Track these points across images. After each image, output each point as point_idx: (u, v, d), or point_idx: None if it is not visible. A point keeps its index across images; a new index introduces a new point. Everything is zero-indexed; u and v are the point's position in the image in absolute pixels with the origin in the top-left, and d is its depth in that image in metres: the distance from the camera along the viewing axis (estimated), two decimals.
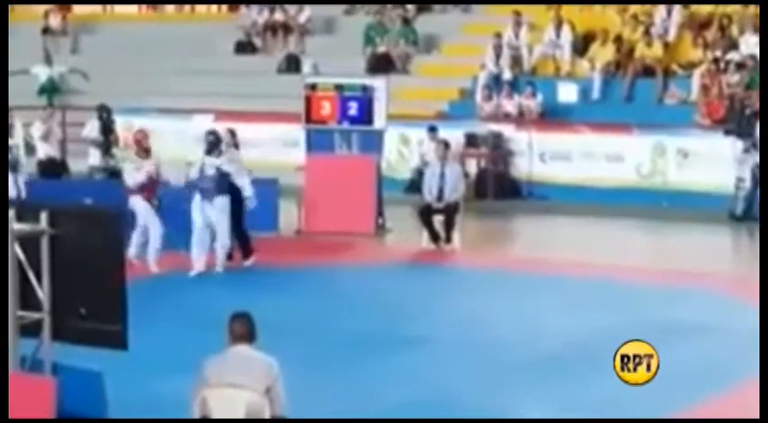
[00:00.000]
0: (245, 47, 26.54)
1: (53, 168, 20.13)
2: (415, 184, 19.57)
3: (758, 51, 20.30)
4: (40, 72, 25.19)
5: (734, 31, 21.75)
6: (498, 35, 23.02)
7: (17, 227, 7.77)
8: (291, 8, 26.35)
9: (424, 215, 16.64)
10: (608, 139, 20.57)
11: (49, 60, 25.58)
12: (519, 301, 13.47)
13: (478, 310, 12.93)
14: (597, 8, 23.74)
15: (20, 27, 27.17)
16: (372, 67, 23.59)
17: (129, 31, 27.91)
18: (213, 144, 14.85)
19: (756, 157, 18.43)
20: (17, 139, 17.62)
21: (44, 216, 7.79)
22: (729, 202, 18.78)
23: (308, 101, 18.25)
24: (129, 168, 15.31)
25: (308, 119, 18.31)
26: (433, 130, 20.57)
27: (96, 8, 30.83)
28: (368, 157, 18.04)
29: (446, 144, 17.48)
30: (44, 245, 7.75)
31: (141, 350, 8.17)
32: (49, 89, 25.03)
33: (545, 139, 21.03)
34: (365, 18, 25.97)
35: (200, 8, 30.59)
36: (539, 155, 21.00)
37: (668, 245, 18.05)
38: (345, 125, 18.17)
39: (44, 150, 20.21)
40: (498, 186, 20.97)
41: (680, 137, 20.03)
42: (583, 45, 23.00)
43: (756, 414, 8.15)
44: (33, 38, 27.22)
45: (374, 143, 18.28)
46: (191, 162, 15.00)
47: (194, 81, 24.81)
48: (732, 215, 18.66)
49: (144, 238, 14.94)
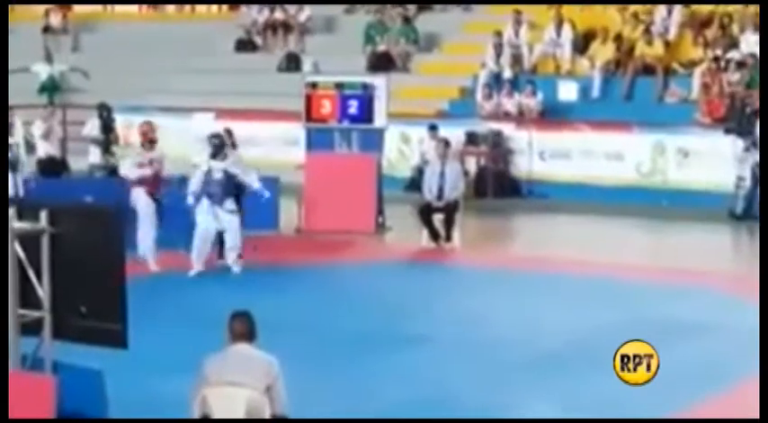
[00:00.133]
0: (245, 45, 26.57)
1: (53, 167, 20.10)
2: (415, 183, 19.57)
3: (758, 50, 20.28)
4: (41, 70, 25.16)
5: (734, 29, 21.75)
6: (499, 34, 23.03)
7: (17, 225, 7.76)
8: (292, 7, 26.40)
9: (424, 214, 16.63)
10: (608, 138, 20.58)
11: (49, 59, 25.57)
12: (519, 299, 13.46)
13: (478, 308, 12.93)
14: (598, 7, 23.72)
15: (20, 27, 27.19)
16: (373, 66, 23.59)
17: (130, 30, 27.97)
18: (218, 147, 14.80)
19: (756, 156, 18.42)
20: (17, 138, 17.56)
21: (44, 214, 7.78)
22: (729, 200, 18.78)
23: (308, 99, 18.25)
24: (129, 160, 15.27)
25: (308, 117, 18.31)
26: (433, 128, 20.58)
27: (97, 7, 30.92)
28: (368, 156, 18.04)
29: (446, 142, 17.47)
30: (44, 243, 7.74)
31: (141, 349, 8.15)
32: (50, 87, 25.02)
33: (545, 137, 21.05)
34: (365, 17, 26.00)
35: (200, 7, 30.62)
36: (539, 153, 21.03)
37: (668, 243, 18.05)
38: (346, 124, 18.18)
39: (44, 149, 20.18)
40: (498, 185, 20.99)
41: (680, 135, 20.03)
42: (583, 43, 23.00)
43: (756, 414, 8.14)
44: (34, 37, 27.25)
45: (374, 142, 18.28)
46: (195, 164, 14.94)
47: (195, 79, 24.83)
48: (732, 214, 18.65)
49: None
